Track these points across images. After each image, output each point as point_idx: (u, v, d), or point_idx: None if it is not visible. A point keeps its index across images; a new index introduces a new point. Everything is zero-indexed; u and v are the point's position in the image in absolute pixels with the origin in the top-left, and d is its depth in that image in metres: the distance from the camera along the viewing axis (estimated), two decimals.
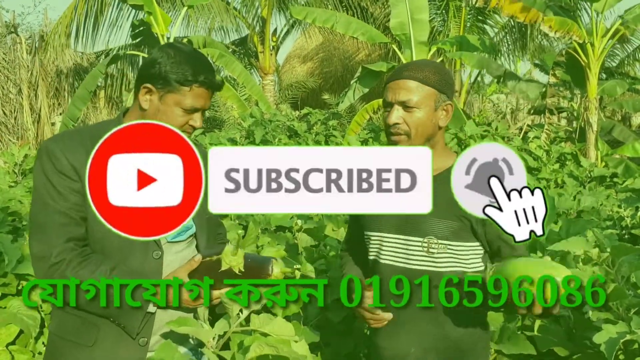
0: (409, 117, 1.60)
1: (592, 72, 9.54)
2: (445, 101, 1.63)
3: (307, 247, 2.87)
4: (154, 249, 1.53)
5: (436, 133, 1.64)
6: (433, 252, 1.59)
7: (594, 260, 2.07)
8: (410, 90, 1.60)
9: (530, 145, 8.25)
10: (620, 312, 1.85)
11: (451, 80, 1.68)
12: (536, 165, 6.91)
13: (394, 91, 1.62)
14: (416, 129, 1.60)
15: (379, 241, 1.68)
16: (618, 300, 1.83)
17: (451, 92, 1.66)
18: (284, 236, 3.30)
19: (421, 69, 1.62)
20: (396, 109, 1.61)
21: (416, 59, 10.25)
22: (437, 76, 1.61)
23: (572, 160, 7.73)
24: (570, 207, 3.72)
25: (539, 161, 7.14)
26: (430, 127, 1.62)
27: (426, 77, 1.60)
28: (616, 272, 1.97)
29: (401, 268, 1.62)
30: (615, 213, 3.59)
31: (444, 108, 1.64)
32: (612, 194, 5.28)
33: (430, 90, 1.60)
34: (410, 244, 1.61)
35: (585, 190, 5.19)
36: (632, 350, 1.80)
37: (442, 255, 1.59)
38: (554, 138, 9.85)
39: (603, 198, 4.50)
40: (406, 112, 1.60)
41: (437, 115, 1.62)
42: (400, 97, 1.60)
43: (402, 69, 1.64)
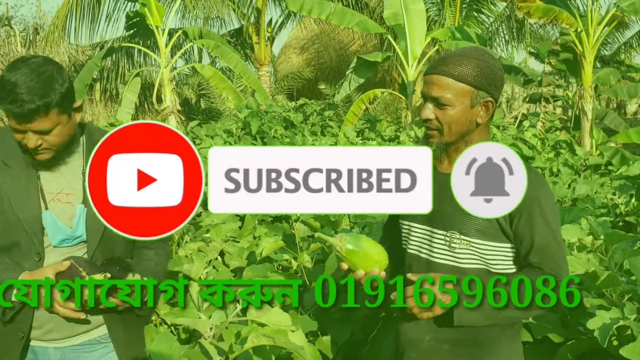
0: (441, 114, 1.53)
1: (587, 60, 9.54)
2: (484, 97, 1.53)
3: (304, 237, 2.88)
4: (36, 251, 1.57)
5: (473, 130, 1.56)
6: (454, 247, 1.55)
7: (588, 248, 2.09)
8: (443, 87, 1.51)
9: (526, 134, 8.26)
10: (614, 299, 1.87)
11: (495, 74, 1.55)
12: (531, 154, 6.92)
13: (428, 86, 1.55)
14: (449, 127, 1.53)
15: (408, 230, 1.66)
16: (611, 287, 1.85)
17: (494, 87, 1.54)
18: (281, 227, 3.31)
19: (459, 64, 1.51)
20: (429, 104, 1.55)
21: (411, 49, 10.28)
22: (476, 71, 1.51)
23: (567, 148, 7.75)
24: (565, 195, 3.74)
25: (533, 150, 7.15)
26: (464, 124, 1.54)
27: (462, 74, 1.51)
28: (610, 259, 1.99)
29: (425, 259, 1.61)
30: (610, 201, 3.61)
31: (483, 105, 1.54)
32: (607, 181, 5.31)
33: (465, 88, 1.51)
34: (435, 236, 1.59)
35: (580, 178, 5.21)
36: (625, 336, 1.82)
37: (463, 251, 1.54)
38: (549, 127, 9.86)
39: (598, 186, 4.52)
40: (439, 108, 1.53)
41: (473, 112, 1.54)
42: (433, 93, 1.53)
43: (439, 62, 1.55)
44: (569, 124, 10.59)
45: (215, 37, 12.57)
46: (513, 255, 1.55)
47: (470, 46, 1.63)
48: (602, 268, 1.95)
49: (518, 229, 1.50)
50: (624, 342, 1.74)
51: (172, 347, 1.22)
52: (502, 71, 1.60)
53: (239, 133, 7.55)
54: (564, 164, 6.40)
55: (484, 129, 1.60)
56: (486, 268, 1.54)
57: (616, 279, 1.81)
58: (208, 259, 2.31)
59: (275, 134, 7.39)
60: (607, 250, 1.98)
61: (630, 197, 3.35)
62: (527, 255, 1.51)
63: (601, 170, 6.56)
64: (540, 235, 1.49)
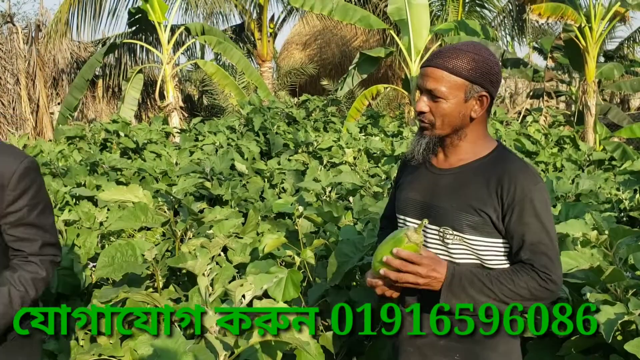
0: (434, 107, 1.53)
1: (590, 55, 9.50)
2: (478, 92, 1.52)
3: (307, 233, 2.88)
4: None
5: (467, 124, 1.56)
6: (448, 243, 1.55)
7: (592, 243, 2.09)
8: (437, 80, 1.51)
9: (529, 129, 8.23)
10: (618, 294, 1.87)
11: (491, 69, 1.53)
12: (535, 149, 6.90)
13: (423, 78, 1.55)
14: (442, 120, 1.54)
15: (403, 224, 1.67)
16: (616, 281, 1.85)
17: (489, 82, 1.53)
18: (284, 223, 3.32)
19: (455, 57, 1.51)
20: (424, 97, 1.55)
21: (415, 44, 10.27)
22: (471, 65, 1.50)
23: (570, 143, 7.73)
24: (568, 191, 3.73)
25: (537, 145, 7.13)
26: (457, 118, 1.54)
27: (457, 67, 1.50)
28: (614, 254, 1.98)
29: None
30: (614, 196, 3.60)
31: (477, 99, 1.53)
32: (611, 176, 5.29)
33: (459, 81, 1.51)
34: (428, 231, 1.59)
35: (583, 173, 5.19)
36: (630, 331, 1.82)
37: (456, 246, 1.54)
38: (552, 122, 9.84)
39: (601, 181, 4.51)
40: (433, 101, 1.53)
41: (467, 106, 1.53)
42: (427, 85, 1.53)
43: (435, 55, 1.55)
44: (573, 119, 10.56)
45: (217, 33, 12.55)
46: (506, 250, 1.54)
47: (468, 40, 1.62)
48: (607, 263, 1.94)
49: (510, 225, 1.49)
50: (628, 337, 1.74)
51: (178, 342, 1.23)
52: (499, 66, 1.59)
53: (241, 129, 7.54)
54: (567, 159, 6.38)
55: (480, 124, 1.59)
56: (480, 263, 1.54)
57: (620, 273, 1.81)
58: (211, 255, 2.31)
59: (277, 130, 7.39)
60: (612, 245, 1.98)
61: (635, 192, 3.35)
62: (519, 252, 1.50)
63: (605, 165, 6.54)
64: (531, 232, 1.48)
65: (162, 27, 11.18)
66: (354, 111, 10.51)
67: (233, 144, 6.48)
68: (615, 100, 19.07)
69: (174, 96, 11.14)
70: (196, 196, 4.20)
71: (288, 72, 18.09)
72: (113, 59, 14.65)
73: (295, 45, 20.83)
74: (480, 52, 1.53)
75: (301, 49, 20.56)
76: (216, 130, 7.45)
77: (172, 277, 2.63)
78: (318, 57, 19.85)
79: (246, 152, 5.95)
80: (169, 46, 11.31)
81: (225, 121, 8.22)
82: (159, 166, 5.12)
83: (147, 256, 2.29)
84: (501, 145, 1.61)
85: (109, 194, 2.69)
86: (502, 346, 1.57)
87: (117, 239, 3.05)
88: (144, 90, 14.06)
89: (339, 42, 19.75)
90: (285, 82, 17.67)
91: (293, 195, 4.36)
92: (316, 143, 6.37)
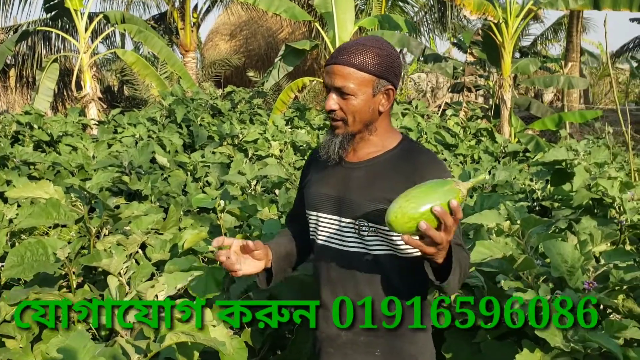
0: (345, 104, 1.54)
1: (506, 50, 9.89)
2: (385, 86, 1.55)
3: (231, 227, 2.83)
4: None
5: (376, 119, 1.58)
6: (363, 235, 1.56)
7: (505, 232, 2.16)
8: (345, 77, 1.52)
9: (449, 122, 8.50)
10: (530, 281, 1.94)
11: (394, 62, 1.56)
12: (454, 142, 7.12)
13: (330, 76, 1.55)
14: (353, 116, 1.55)
15: (316, 221, 1.66)
16: (527, 269, 1.92)
17: (393, 75, 1.56)
18: (208, 217, 3.24)
19: (359, 53, 1.52)
20: (332, 94, 1.56)
21: (340, 37, 10.32)
22: (376, 60, 1.52)
23: (487, 136, 8.02)
24: (485, 182, 3.86)
25: (456, 137, 7.36)
26: (368, 113, 1.56)
27: (363, 63, 1.51)
28: (526, 243, 2.07)
29: (334, 249, 1.61)
30: (527, 186, 3.76)
31: (384, 93, 1.56)
32: (525, 167, 5.53)
33: (367, 77, 1.52)
34: (343, 225, 1.59)
35: (499, 165, 5.40)
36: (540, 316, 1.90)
37: (372, 238, 1.56)
38: (470, 115, 10.19)
39: (516, 172, 4.71)
40: (342, 98, 1.54)
41: (376, 100, 1.56)
42: (336, 83, 1.53)
43: (340, 52, 1.55)
44: (490, 113, 10.98)
45: (138, 22, 12.11)
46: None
47: (368, 36, 1.63)
48: (519, 252, 2.02)
49: None
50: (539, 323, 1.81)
51: (86, 346, 1.16)
52: (400, 59, 1.63)
53: (163, 121, 7.33)
54: (484, 151, 6.62)
55: (386, 117, 1.63)
56: (393, 253, 1.57)
57: (531, 262, 1.88)
58: (128, 252, 2.23)
59: (202, 122, 7.23)
60: (524, 234, 2.06)
61: (546, 183, 3.50)
62: None
63: (519, 156, 6.84)
64: None
65: (79, 14, 10.68)
66: (280, 104, 10.46)
67: (154, 136, 6.28)
68: (530, 95, 19.99)
69: (92, 87, 10.67)
70: (114, 191, 4.03)
71: (213, 62, 17.77)
72: (26, 47, 13.87)
73: (220, 36, 20.49)
74: (383, 46, 1.56)
75: (227, 40, 20.26)
76: (136, 122, 7.19)
77: (88, 276, 2.52)
78: (244, 48, 19.63)
79: (168, 145, 5.78)
80: (87, 34, 10.82)
81: (146, 112, 7.95)
82: (75, 160, 4.89)
83: (59, 255, 2.17)
84: (407, 137, 1.66)
85: (17, 191, 2.53)
86: (422, 340, 1.61)
87: (29, 237, 2.88)
88: (60, 80, 13.40)
89: (265, 33, 19.61)
90: (210, 73, 17.34)
91: (218, 189, 4.28)
92: (242, 135, 6.29)
